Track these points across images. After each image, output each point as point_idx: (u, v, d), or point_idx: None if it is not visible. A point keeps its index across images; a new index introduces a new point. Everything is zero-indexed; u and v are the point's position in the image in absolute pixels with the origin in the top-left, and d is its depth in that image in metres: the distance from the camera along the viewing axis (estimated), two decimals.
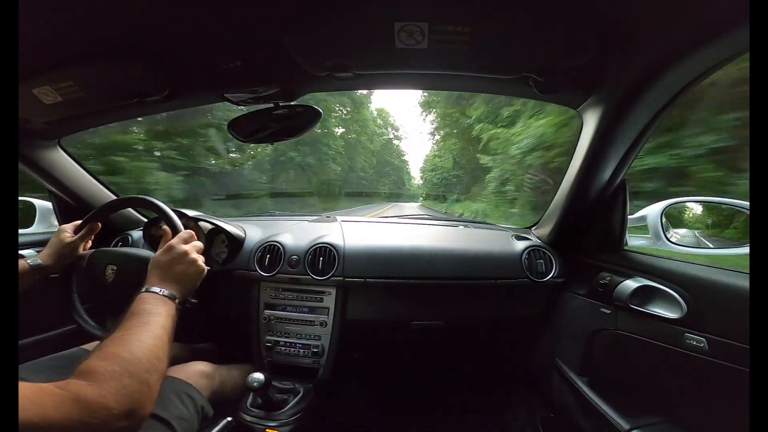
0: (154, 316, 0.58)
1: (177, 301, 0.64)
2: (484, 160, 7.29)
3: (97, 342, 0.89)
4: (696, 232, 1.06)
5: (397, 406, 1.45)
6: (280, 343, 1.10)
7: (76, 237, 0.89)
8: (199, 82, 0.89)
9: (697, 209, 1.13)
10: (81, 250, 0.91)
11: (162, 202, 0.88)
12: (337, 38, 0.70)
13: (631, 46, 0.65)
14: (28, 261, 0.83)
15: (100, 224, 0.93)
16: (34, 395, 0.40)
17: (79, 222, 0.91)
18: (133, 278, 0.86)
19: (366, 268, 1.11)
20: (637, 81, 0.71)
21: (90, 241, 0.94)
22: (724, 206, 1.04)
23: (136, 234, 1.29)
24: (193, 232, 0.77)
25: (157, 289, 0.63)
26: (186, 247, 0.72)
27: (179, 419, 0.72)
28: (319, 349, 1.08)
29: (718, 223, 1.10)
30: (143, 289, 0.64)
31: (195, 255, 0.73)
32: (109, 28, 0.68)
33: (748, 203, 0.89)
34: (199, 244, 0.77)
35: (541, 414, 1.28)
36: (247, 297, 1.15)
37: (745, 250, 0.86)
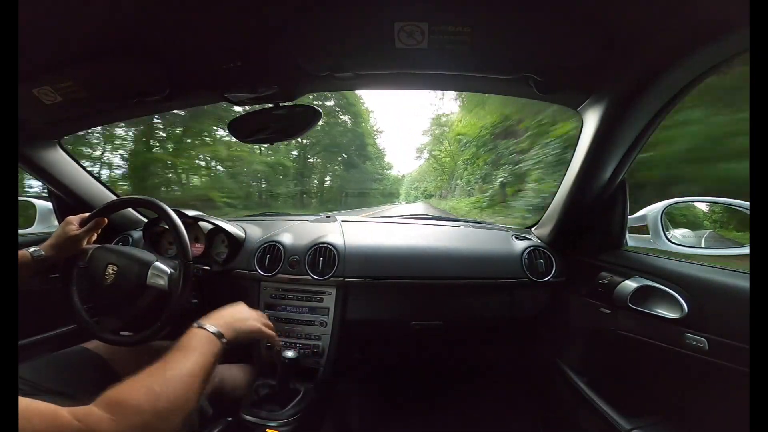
0: (197, 354, 0.58)
1: (224, 341, 0.64)
2: None
3: (97, 342, 0.90)
4: (696, 232, 1.06)
5: (397, 406, 1.45)
6: (280, 343, 1.10)
7: (81, 230, 0.89)
8: (199, 82, 0.89)
9: (697, 209, 1.13)
10: (84, 244, 0.91)
11: (162, 202, 0.88)
12: (337, 38, 0.70)
13: (631, 47, 0.65)
14: (30, 251, 0.84)
15: (106, 219, 0.93)
16: (44, 426, 0.38)
17: (86, 215, 0.91)
18: (132, 280, 0.86)
19: (366, 268, 1.11)
20: (637, 81, 0.71)
21: (95, 235, 0.94)
22: (724, 206, 1.04)
23: (136, 234, 1.29)
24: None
25: (208, 326, 0.64)
26: (258, 314, 0.79)
27: None
28: (319, 349, 1.08)
29: (718, 223, 1.10)
30: (196, 324, 0.64)
31: (262, 321, 0.78)
32: (109, 28, 0.68)
33: (748, 203, 0.89)
34: (270, 324, 0.82)
35: (541, 414, 1.28)
36: (247, 297, 1.15)
37: (745, 250, 0.86)
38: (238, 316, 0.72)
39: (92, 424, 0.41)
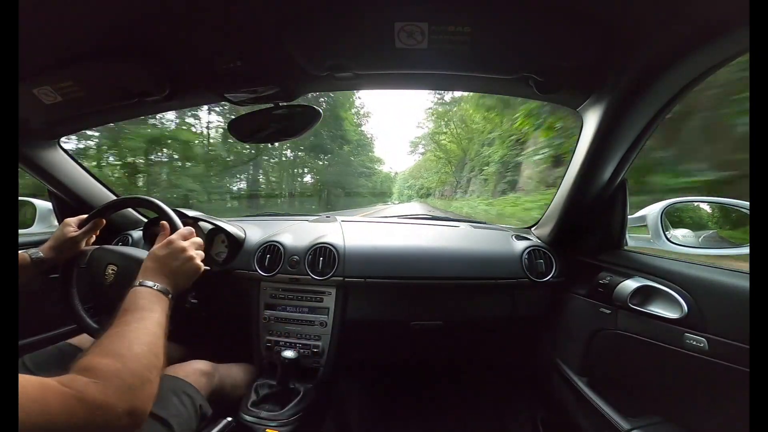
0: (149, 312, 0.58)
1: (170, 296, 0.65)
2: None
3: (84, 335, 0.90)
4: (696, 232, 1.06)
5: (396, 406, 1.45)
6: (280, 343, 1.10)
7: (80, 231, 0.89)
8: (199, 82, 0.89)
9: (697, 209, 1.13)
10: (83, 245, 0.91)
11: (162, 202, 0.88)
12: (337, 38, 0.70)
13: (631, 46, 0.65)
14: (29, 253, 0.83)
15: (104, 220, 0.93)
16: (37, 393, 0.39)
17: (85, 216, 0.91)
18: (132, 280, 0.86)
19: (366, 268, 1.11)
20: (637, 81, 0.71)
21: (94, 236, 0.94)
22: (724, 206, 1.04)
23: (136, 234, 1.29)
24: (193, 229, 0.78)
25: (151, 284, 0.64)
26: (185, 244, 0.73)
27: (177, 418, 0.72)
28: (319, 349, 1.08)
29: (718, 223, 1.10)
30: (137, 283, 0.64)
31: (193, 252, 0.73)
32: (109, 28, 0.68)
33: (748, 203, 0.89)
34: (199, 240, 0.77)
35: (541, 414, 1.28)
36: (247, 297, 1.15)
37: (745, 250, 0.86)
38: (175, 265, 0.69)
39: (80, 388, 0.42)
